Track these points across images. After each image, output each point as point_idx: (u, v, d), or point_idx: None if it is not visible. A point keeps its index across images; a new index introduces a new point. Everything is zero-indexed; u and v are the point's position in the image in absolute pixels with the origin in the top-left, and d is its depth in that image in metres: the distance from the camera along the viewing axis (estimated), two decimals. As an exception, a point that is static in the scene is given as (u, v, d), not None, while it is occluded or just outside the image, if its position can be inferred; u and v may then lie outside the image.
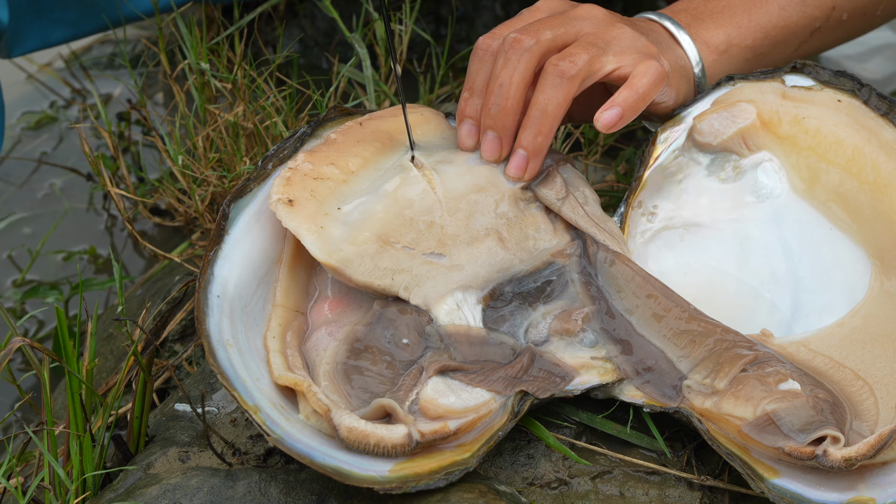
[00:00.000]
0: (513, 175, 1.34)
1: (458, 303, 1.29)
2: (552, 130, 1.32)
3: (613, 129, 1.32)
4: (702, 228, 1.40)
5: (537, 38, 1.32)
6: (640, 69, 1.34)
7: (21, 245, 1.96)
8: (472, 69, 1.36)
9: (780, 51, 1.47)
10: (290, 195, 1.29)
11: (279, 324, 1.28)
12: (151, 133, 1.79)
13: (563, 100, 1.31)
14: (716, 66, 1.44)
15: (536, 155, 1.33)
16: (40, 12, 1.61)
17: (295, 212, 1.28)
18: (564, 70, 1.31)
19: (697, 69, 1.42)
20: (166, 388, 1.44)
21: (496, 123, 1.33)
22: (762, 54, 1.46)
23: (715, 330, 1.28)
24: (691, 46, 1.43)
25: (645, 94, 1.33)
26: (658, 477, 1.25)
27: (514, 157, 1.34)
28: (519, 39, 1.31)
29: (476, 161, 1.36)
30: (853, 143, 1.37)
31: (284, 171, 1.31)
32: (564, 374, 1.27)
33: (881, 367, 1.28)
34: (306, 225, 1.28)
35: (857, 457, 1.19)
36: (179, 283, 1.51)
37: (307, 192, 1.29)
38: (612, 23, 1.36)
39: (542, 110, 1.31)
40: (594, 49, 1.33)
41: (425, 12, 1.95)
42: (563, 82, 1.30)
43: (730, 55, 1.44)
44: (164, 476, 1.23)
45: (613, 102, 1.32)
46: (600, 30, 1.35)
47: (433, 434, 1.20)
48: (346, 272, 1.27)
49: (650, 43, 1.37)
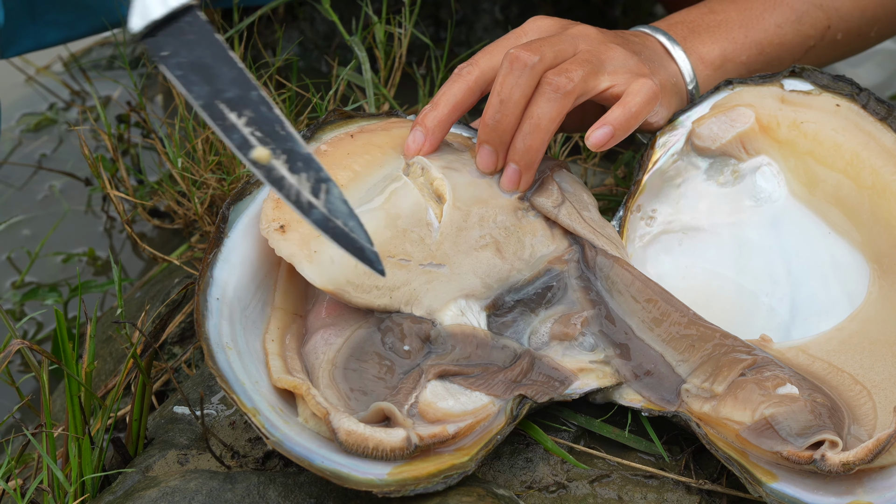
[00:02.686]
0: (506, 188, 1.34)
1: (462, 309, 1.29)
2: (544, 144, 1.32)
3: (604, 147, 1.33)
4: (700, 232, 1.40)
5: (541, 55, 1.31)
6: (634, 87, 1.34)
7: (20, 247, 1.96)
8: (447, 87, 1.36)
9: (774, 68, 1.47)
10: (280, 220, 1.28)
11: (278, 327, 1.28)
12: (151, 135, 1.79)
13: (556, 115, 1.31)
14: (709, 82, 1.44)
15: (528, 168, 1.33)
16: (35, 14, 1.61)
17: (287, 238, 1.27)
18: (560, 85, 1.31)
19: (691, 86, 1.43)
20: (165, 391, 1.44)
21: (492, 138, 1.33)
22: (755, 71, 1.47)
23: (714, 334, 1.28)
24: (685, 62, 1.43)
25: (637, 112, 1.34)
26: (656, 481, 1.25)
27: (507, 170, 1.34)
28: (521, 56, 1.31)
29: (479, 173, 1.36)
30: (851, 147, 1.37)
31: (273, 192, 1.31)
32: (563, 377, 1.27)
33: (879, 372, 1.28)
34: (300, 251, 1.27)
35: (855, 461, 1.19)
36: (179, 286, 1.51)
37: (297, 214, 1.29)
38: (606, 42, 1.36)
39: (534, 125, 1.31)
40: (589, 66, 1.33)
41: (425, 16, 1.95)
42: (558, 97, 1.30)
43: (724, 70, 1.45)
44: (163, 479, 1.23)
45: (605, 121, 1.33)
46: (595, 48, 1.35)
47: (432, 437, 1.20)
48: (344, 296, 1.27)
49: (642, 62, 1.37)
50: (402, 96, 1.78)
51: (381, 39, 1.68)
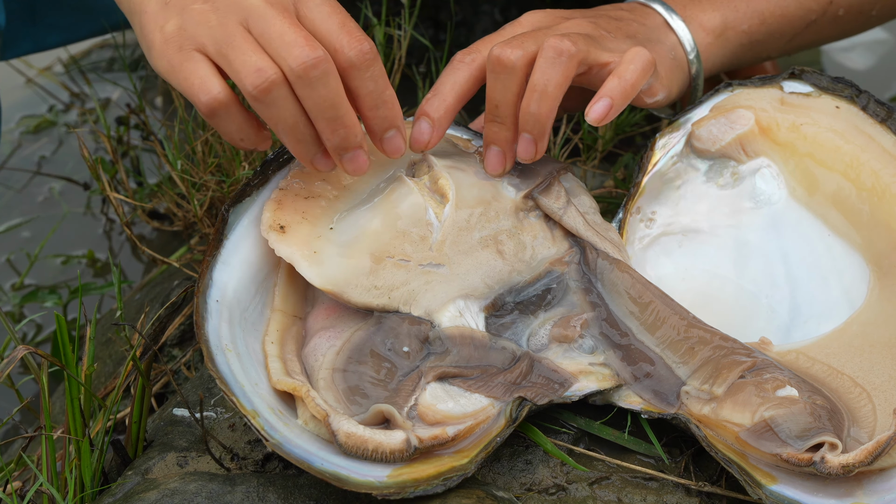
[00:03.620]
0: (523, 158, 1.32)
1: (461, 310, 1.29)
2: (553, 111, 1.29)
3: (605, 120, 1.29)
4: (700, 234, 1.40)
5: (523, 50, 1.30)
6: (628, 56, 1.32)
7: (20, 249, 1.96)
8: (449, 74, 1.34)
9: (776, 40, 1.46)
10: (281, 220, 1.28)
11: (278, 329, 1.28)
12: (150, 137, 1.79)
13: (562, 79, 1.28)
14: (710, 51, 1.42)
15: (542, 136, 1.30)
16: (35, 17, 1.61)
17: (287, 239, 1.27)
18: (563, 49, 1.28)
19: (692, 55, 1.41)
20: (165, 393, 1.44)
21: (498, 138, 1.32)
22: (757, 41, 1.45)
23: (713, 337, 1.28)
24: (685, 31, 1.41)
25: (634, 81, 1.31)
26: (656, 483, 1.25)
27: (521, 140, 1.31)
28: (503, 56, 1.29)
29: (484, 174, 1.36)
30: (851, 149, 1.37)
31: (275, 193, 1.31)
32: (563, 380, 1.27)
33: (879, 374, 1.28)
34: (300, 251, 1.27)
35: (855, 463, 1.19)
36: (178, 288, 1.51)
37: (298, 215, 1.29)
38: (600, 30, 1.35)
39: (541, 92, 1.28)
40: (589, 39, 1.31)
41: (424, 17, 1.95)
42: (562, 60, 1.28)
43: (725, 39, 1.43)
44: (163, 481, 1.23)
45: (602, 94, 1.30)
46: (590, 34, 1.34)
47: (431, 440, 1.20)
48: (343, 296, 1.27)
49: (638, 43, 1.35)
50: (402, 98, 1.77)
51: (381, 41, 1.68)
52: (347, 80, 1.22)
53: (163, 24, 1.21)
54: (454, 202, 1.32)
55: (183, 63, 1.20)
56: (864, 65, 2.31)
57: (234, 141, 1.24)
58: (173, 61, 1.20)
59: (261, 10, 1.20)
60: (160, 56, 1.21)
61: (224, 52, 1.19)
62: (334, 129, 1.22)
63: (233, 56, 1.19)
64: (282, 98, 1.19)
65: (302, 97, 1.20)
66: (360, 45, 1.21)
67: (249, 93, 1.19)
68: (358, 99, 1.23)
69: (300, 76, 1.19)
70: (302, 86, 1.19)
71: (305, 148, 1.24)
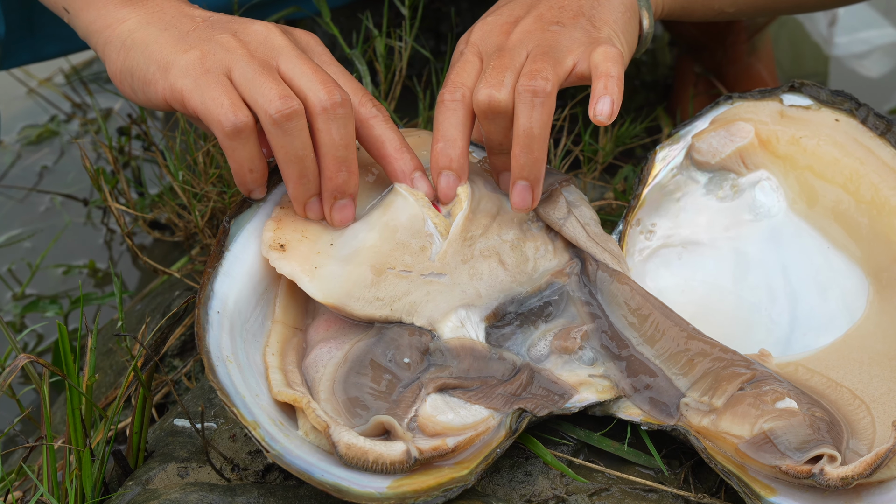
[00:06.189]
0: (520, 207, 1.31)
1: (462, 320, 1.29)
2: (544, 150, 1.28)
3: (613, 117, 1.27)
4: (700, 246, 1.41)
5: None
6: (596, 59, 1.29)
7: (21, 259, 1.96)
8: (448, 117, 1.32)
9: None
10: (281, 239, 1.29)
11: (278, 340, 1.28)
12: (151, 148, 1.80)
13: (546, 118, 1.27)
14: None
15: (537, 182, 1.30)
16: (34, 28, 1.62)
17: (288, 257, 1.28)
18: (538, 88, 1.27)
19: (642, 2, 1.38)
20: (165, 404, 1.44)
21: (507, 165, 1.32)
22: None
23: (713, 349, 1.29)
24: None
25: (618, 75, 1.28)
26: (655, 494, 1.25)
27: (517, 188, 1.30)
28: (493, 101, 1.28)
29: (493, 186, 1.36)
30: (850, 162, 1.38)
31: (275, 211, 1.31)
32: (563, 391, 1.27)
33: (878, 386, 1.28)
34: (301, 268, 1.28)
35: (854, 475, 1.19)
36: (179, 299, 1.51)
37: (298, 234, 1.30)
38: (546, 29, 1.33)
39: (529, 136, 1.27)
40: (550, 58, 1.29)
41: (425, 29, 1.95)
42: (542, 101, 1.27)
43: None
44: (163, 491, 1.23)
45: (598, 94, 1.27)
46: (540, 43, 1.31)
47: (432, 451, 1.20)
48: (346, 309, 1.28)
49: (585, 28, 1.32)
50: (403, 109, 1.78)
51: (382, 53, 1.69)
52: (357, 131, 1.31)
53: (186, 49, 1.26)
54: (465, 212, 1.32)
55: (212, 84, 1.24)
56: (879, 72, 2.31)
57: (242, 170, 1.28)
58: (200, 81, 1.24)
59: (291, 52, 1.27)
60: (184, 74, 1.25)
61: (250, 77, 1.24)
62: (340, 168, 1.27)
63: (259, 81, 1.24)
64: (299, 128, 1.24)
65: (320, 131, 1.25)
66: (381, 111, 1.31)
67: (272, 117, 1.23)
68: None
69: (326, 109, 1.25)
70: (325, 119, 1.25)
71: (305, 186, 1.28)
